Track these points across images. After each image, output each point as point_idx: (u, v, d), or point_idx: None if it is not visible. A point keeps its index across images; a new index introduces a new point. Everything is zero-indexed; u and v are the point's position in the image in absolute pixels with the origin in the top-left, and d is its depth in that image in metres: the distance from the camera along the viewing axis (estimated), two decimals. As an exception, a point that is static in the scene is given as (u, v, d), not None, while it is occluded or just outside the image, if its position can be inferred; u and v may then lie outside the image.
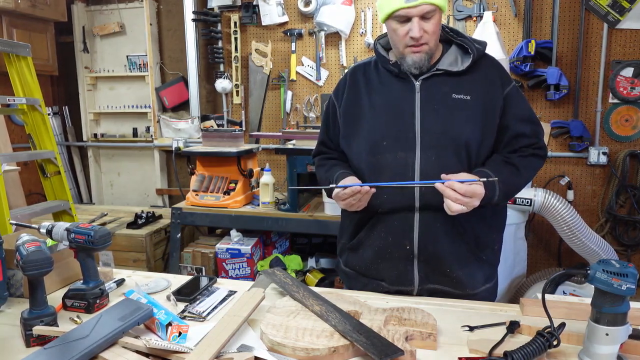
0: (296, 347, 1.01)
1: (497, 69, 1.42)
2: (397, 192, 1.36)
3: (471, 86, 1.37)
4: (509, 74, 1.44)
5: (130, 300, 1.19)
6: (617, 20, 3.02)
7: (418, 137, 1.35)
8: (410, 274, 1.40)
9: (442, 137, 1.34)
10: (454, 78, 1.37)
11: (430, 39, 1.32)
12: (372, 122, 1.41)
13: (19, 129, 3.81)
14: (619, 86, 3.06)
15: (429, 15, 1.29)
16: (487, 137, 1.38)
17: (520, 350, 0.97)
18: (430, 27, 1.31)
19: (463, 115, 1.35)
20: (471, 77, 1.38)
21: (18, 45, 2.73)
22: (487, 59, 1.42)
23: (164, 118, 3.92)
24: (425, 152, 1.34)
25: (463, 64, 1.38)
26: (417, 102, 1.37)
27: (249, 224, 2.91)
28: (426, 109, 1.36)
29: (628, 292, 0.92)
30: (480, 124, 1.36)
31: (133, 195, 4.30)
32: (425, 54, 1.34)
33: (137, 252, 3.26)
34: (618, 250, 3.14)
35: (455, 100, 1.36)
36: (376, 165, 1.39)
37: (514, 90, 1.41)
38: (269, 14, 3.53)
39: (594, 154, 3.15)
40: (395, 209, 1.38)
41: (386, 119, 1.39)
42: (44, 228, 1.31)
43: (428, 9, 1.28)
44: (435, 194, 1.30)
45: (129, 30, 4.05)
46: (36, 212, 2.79)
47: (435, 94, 1.37)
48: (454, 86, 1.37)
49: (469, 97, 1.36)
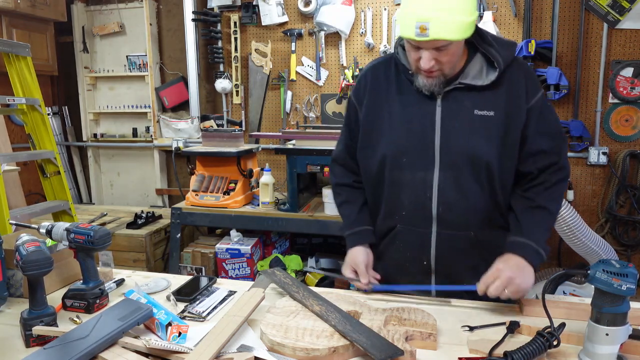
0: (296, 347, 1.01)
1: (525, 78, 1.31)
2: (415, 210, 1.35)
3: (495, 100, 1.29)
4: (537, 81, 1.33)
5: (130, 301, 1.19)
6: (617, 20, 3.02)
7: (437, 155, 1.31)
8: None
9: (461, 156, 1.29)
10: (478, 92, 1.29)
11: (444, 67, 1.24)
12: (391, 136, 1.35)
13: (18, 129, 3.81)
14: (619, 86, 3.06)
15: (442, 48, 1.20)
16: (509, 157, 1.31)
17: (520, 351, 0.97)
18: (445, 58, 1.22)
19: (485, 133, 1.28)
20: (497, 89, 1.29)
21: (18, 45, 2.73)
22: (516, 66, 1.31)
23: (164, 118, 3.92)
24: (444, 171, 1.31)
25: (488, 77, 1.28)
26: (437, 117, 1.30)
27: (248, 224, 2.91)
28: (446, 125, 1.30)
29: (628, 292, 0.92)
30: (502, 143, 1.29)
31: (133, 196, 4.30)
32: (437, 79, 1.27)
33: (137, 252, 3.26)
34: (618, 250, 3.14)
35: (478, 117, 1.28)
36: (394, 181, 1.37)
37: (539, 101, 1.31)
38: (269, 14, 3.53)
39: (593, 154, 3.15)
40: (413, 226, 1.37)
41: (406, 134, 1.33)
42: (44, 228, 1.31)
43: (439, 44, 1.19)
44: (453, 212, 1.31)
45: (128, 30, 4.05)
46: (36, 212, 2.79)
47: (456, 110, 1.30)
48: (476, 101, 1.29)
49: (492, 112, 1.28)
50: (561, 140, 1.35)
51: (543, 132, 1.31)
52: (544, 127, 1.31)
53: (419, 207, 1.34)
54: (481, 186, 1.31)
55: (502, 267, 1.24)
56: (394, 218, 1.39)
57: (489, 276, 1.24)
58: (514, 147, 1.30)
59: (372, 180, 1.43)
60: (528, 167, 1.33)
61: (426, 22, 1.14)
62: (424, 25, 1.15)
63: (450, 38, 1.16)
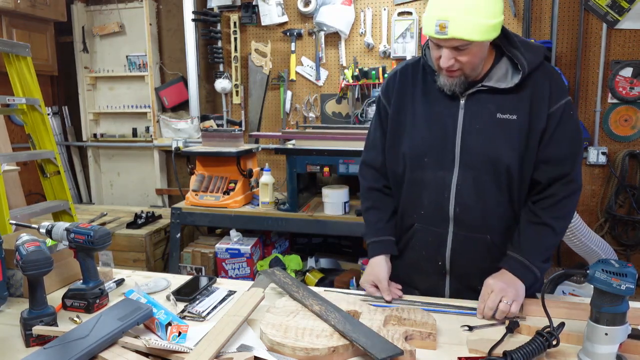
0: (296, 347, 1.01)
1: (549, 82, 1.29)
2: (433, 210, 1.36)
3: (519, 104, 1.28)
4: (563, 87, 1.31)
5: (130, 300, 1.19)
6: (616, 20, 3.02)
7: (458, 156, 1.31)
8: (442, 288, 1.41)
9: (482, 159, 1.29)
10: (502, 95, 1.28)
11: (465, 67, 1.24)
12: (414, 136, 1.36)
13: (18, 129, 3.81)
14: (618, 86, 3.06)
15: (462, 47, 1.20)
16: (529, 162, 1.30)
17: (520, 350, 0.97)
18: (464, 58, 1.21)
19: (506, 137, 1.28)
20: (521, 93, 1.28)
21: (18, 45, 2.73)
22: (542, 70, 1.29)
23: (164, 118, 3.92)
24: (463, 172, 1.31)
25: (512, 80, 1.27)
26: (460, 119, 1.31)
27: (248, 224, 2.91)
28: (469, 128, 1.30)
29: (627, 291, 0.92)
30: (524, 147, 1.28)
31: (133, 195, 4.30)
32: (458, 79, 1.27)
33: (136, 252, 3.26)
34: (617, 250, 3.14)
35: (500, 121, 1.28)
36: (416, 181, 1.38)
37: (561, 108, 1.27)
38: (269, 14, 3.53)
39: (593, 154, 3.15)
40: (431, 225, 1.38)
41: (429, 134, 1.34)
42: (44, 228, 1.31)
43: (458, 43, 1.19)
44: (470, 214, 1.31)
45: (128, 30, 4.05)
46: (36, 212, 2.79)
47: (479, 112, 1.29)
48: (500, 104, 1.28)
49: (515, 116, 1.27)
50: (577, 151, 1.31)
51: (559, 140, 1.28)
52: (561, 135, 1.28)
53: (437, 207, 1.35)
54: (500, 190, 1.31)
55: (492, 282, 1.25)
56: (413, 217, 1.40)
57: (483, 292, 1.25)
58: (533, 152, 1.29)
59: (396, 180, 1.44)
60: (538, 174, 1.31)
61: (445, 21, 1.16)
62: (444, 23, 1.16)
63: (469, 38, 1.16)
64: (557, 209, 1.30)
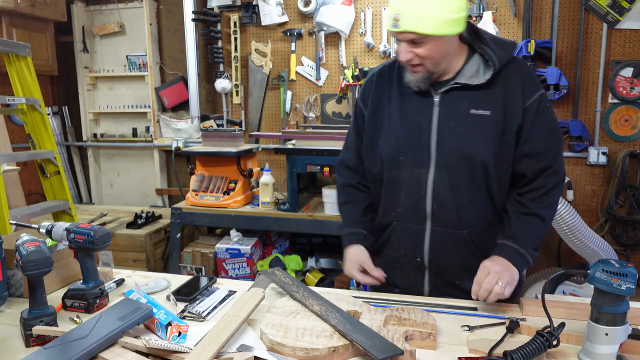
0: (296, 347, 1.01)
1: (522, 77, 1.31)
2: (410, 207, 1.37)
3: (492, 100, 1.29)
4: (536, 81, 1.33)
5: (130, 300, 1.19)
6: (616, 20, 3.02)
7: (433, 154, 1.33)
8: (421, 285, 1.43)
9: (456, 156, 1.31)
10: (475, 91, 1.30)
11: (425, 62, 1.26)
12: (390, 135, 1.38)
13: (18, 129, 3.81)
14: (619, 86, 3.06)
15: (417, 41, 1.23)
16: (506, 157, 1.31)
17: (520, 350, 0.97)
18: (422, 52, 1.24)
19: (481, 132, 1.29)
20: (493, 89, 1.30)
21: (18, 45, 2.73)
22: (513, 65, 1.31)
23: (164, 118, 3.92)
24: (438, 169, 1.32)
25: (484, 76, 1.29)
26: (434, 117, 1.32)
27: (248, 224, 2.91)
28: (443, 125, 1.31)
29: (627, 291, 0.92)
30: (499, 142, 1.29)
31: (133, 195, 4.30)
32: (422, 75, 1.29)
33: (136, 252, 3.26)
34: (617, 250, 3.14)
35: (474, 117, 1.30)
36: (393, 179, 1.39)
37: (536, 102, 1.30)
38: (269, 14, 3.53)
39: (593, 154, 3.15)
40: (408, 222, 1.39)
41: (404, 134, 1.36)
42: (44, 228, 1.31)
43: (412, 36, 1.22)
44: (446, 210, 1.33)
45: (128, 30, 4.05)
46: (36, 212, 2.79)
47: (453, 109, 1.31)
48: (473, 100, 1.30)
49: (489, 112, 1.29)
50: (557, 143, 1.34)
51: (539, 133, 1.30)
52: (539, 128, 1.30)
53: (414, 205, 1.37)
54: (477, 186, 1.32)
55: (489, 264, 1.26)
56: (391, 215, 1.42)
57: (479, 274, 1.25)
58: (510, 147, 1.31)
59: (374, 179, 1.46)
60: (522, 168, 1.33)
61: (398, 14, 1.20)
62: (397, 17, 1.21)
63: (420, 31, 1.19)
64: (544, 199, 1.32)
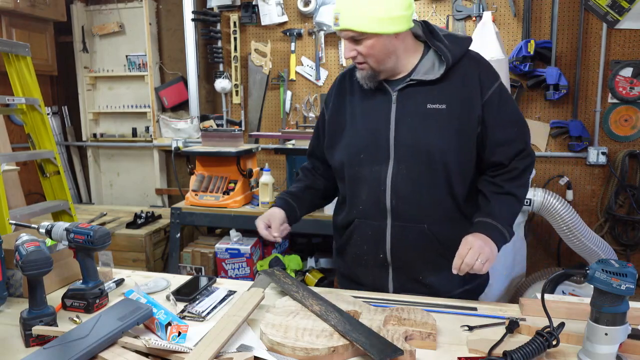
0: (296, 347, 1.01)
1: (477, 70, 1.34)
2: (371, 204, 1.39)
3: (448, 94, 1.32)
4: (493, 73, 1.36)
5: (130, 300, 1.19)
6: (616, 20, 3.02)
7: (392, 150, 1.35)
8: (385, 280, 1.44)
9: (414, 150, 1.33)
10: (430, 86, 1.33)
11: (368, 60, 1.30)
12: (351, 134, 1.42)
13: (18, 128, 3.81)
14: (618, 86, 3.06)
15: (357, 38, 1.28)
16: (466, 149, 1.34)
17: (520, 350, 0.97)
18: (363, 50, 1.28)
19: (437, 126, 1.32)
20: (448, 83, 1.33)
21: (17, 45, 2.73)
22: (467, 59, 1.35)
23: (164, 118, 3.92)
24: (397, 164, 1.35)
25: (439, 71, 1.32)
26: (392, 113, 1.35)
27: (248, 223, 2.90)
28: (400, 120, 1.34)
29: (627, 291, 0.92)
30: (457, 135, 1.32)
31: (132, 195, 4.30)
32: (367, 72, 1.33)
33: (136, 252, 3.26)
34: (617, 250, 3.14)
35: (430, 111, 1.32)
36: (354, 177, 1.42)
37: (496, 93, 1.33)
38: (269, 14, 3.53)
39: (593, 154, 3.15)
40: (370, 219, 1.40)
41: (364, 132, 1.39)
42: (43, 228, 1.31)
43: (351, 34, 1.27)
44: (406, 205, 1.35)
45: (128, 30, 4.05)
46: (35, 212, 2.78)
47: (410, 105, 1.34)
48: (429, 95, 1.33)
49: (445, 105, 1.32)
50: (524, 127, 1.40)
51: (507, 122, 1.35)
52: (506, 117, 1.35)
53: (375, 201, 1.38)
54: (435, 179, 1.34)
55: (472, 239, 1.28)
56: (353, 212, 1.44)
57: (462, 249, 1.26)
58: (471, 140, 1.34)
59: (338, 178, 1.50)
60: (498, 157, 1.36)
61: (339, 13, 1.26)
62: (337, 15, 1.26)
63: (357, 29, 1.24)
64: (517, 180, 1.37)
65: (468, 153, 1.35)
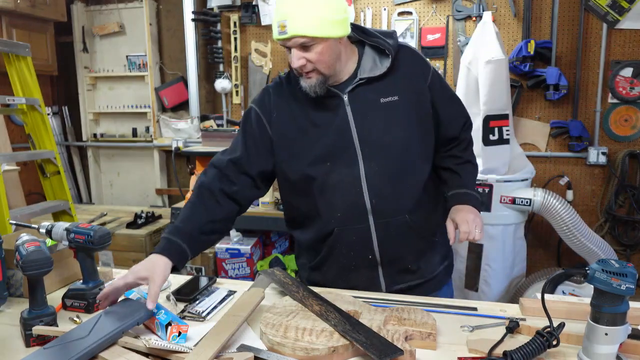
0: (296, 347, 1.01)
1: (413, 58, 1.40)
2: (350, 208, 1.36)
3: (396, 85, 1.35)
4: (424, 59, 1.45)
5: (130, 300, 1.19)
6: (616, 20, 3.02)
7: (358, 150, 1.34)
8: (377, 279, 1.43)
9: (380, 145, 1.33)
10: (378, 82, 1.34)
11: (318, 66, 1.27)
12: (311, 144, 1.35)
13: (18, 129, 3.81)
14: (618, 86, 3.06)
15: (307, 45, 1.23)
16: (426, 133, 1.40)
17: (520, 350, 0.97)
18: (313, 57, 1.25)
19: (395, 118, 1.34)
20: (394, 75, 1.35)
21: (17, 45, 2.73)
22: (403, 51, 1.39)
23: (164, 118, 3.92)
24: (368, 163, 1.33)
25: (383, 66, 1.34)
26: (349, 115, 1.34)
27: (248, 223, 2.90)
28: (359, 120, 1.34)
29: (627, 291, 0.92)
30: (415, 121, 1.36)
31: (133, 195, 4.30)
32: (316, 80, 1.29)
33: (136, 252, 3.25)
34: (617, 250, 3.14)
35: (385, 105, 1.34)
36: (324, 187, 1.36)
37: (435, 76, 1.42)
38: (269, 14, 3.53)
39: (593, 154, 3.15)
40: (351, 224, 1.37)
41: (325, 139, 1.34)
42: (44, 228, 1.31)
43: (301, 40, 1.22)
44: (386, 200, 1.35)
45: (128, 30, 4.05)
46: (36, 212, 2.79)
47: (364, 103, 1.34)
48: (380, 90, 1.34)
49: (397, 97, 1.34)
50: (460, 101, 1.52)
51: (449, 98, 1.46)
52: (447, 94, 1.46)
53: (353, 205, 1.36)
54: (406, 169, 1.36)
55: (465, 215, 1.35)
56: (331, 223, 1.38)
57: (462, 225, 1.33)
58: (428, 124, 1.41)
59: (299, 192, 1.41)
60: (452, 131, 1.47)
61: (284, 20, 1.21)
62: (283, 23, 1.21)
63: (309, 34, 1.21)
64: (469, 148, 1.52)
65: (429, 136, 1.42)
